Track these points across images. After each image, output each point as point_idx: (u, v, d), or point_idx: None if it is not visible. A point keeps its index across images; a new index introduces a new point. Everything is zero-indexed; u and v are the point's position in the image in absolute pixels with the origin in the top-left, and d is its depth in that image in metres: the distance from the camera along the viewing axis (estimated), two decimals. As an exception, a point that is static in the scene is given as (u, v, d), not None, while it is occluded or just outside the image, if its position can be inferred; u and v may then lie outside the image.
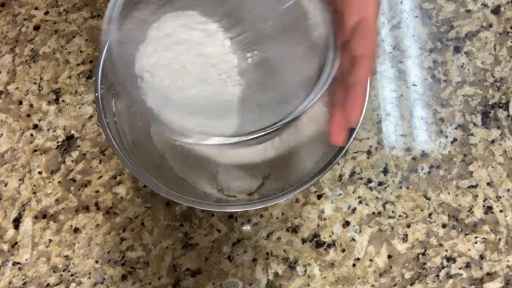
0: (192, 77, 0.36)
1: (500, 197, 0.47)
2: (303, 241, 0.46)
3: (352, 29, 0.31)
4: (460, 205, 0.47)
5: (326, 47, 0.33)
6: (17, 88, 0.53)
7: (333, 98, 0.32)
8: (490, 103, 0.50)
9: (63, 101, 0.52)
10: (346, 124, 0.31)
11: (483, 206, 0.46)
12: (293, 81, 0.36)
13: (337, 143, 0.32)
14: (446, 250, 0.45)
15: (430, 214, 0.46)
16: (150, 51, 0.35)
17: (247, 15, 0.36)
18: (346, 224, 0.46)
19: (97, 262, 0.46)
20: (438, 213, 0.46)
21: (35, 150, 0.50)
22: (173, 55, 0.36)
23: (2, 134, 0.51)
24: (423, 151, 0.48)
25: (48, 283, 0.46)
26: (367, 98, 0.40)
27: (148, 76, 0.35)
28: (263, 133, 0.31)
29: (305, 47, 0.35)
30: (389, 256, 0.45)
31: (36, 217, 0.48)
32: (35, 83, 0.53)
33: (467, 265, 0.45)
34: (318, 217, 0.47)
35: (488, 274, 0.44)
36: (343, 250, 0.46)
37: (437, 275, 0.44)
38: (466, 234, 0.46)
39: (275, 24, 0.36)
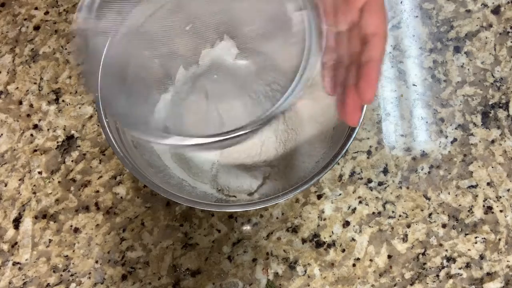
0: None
1: (500, 197, 0.47)
2: (303, 241, 0.46)
3: (361, 9, 0.31)
4: (460, 205, 0.47)
5: (305, 40, 0.33)
6: (17, 88, 0.53)
7: (346, 80, 0.33)
8: (490, 103, 0.50)
9: (63, 101, 0.52)
10: (360, 103, 0.32)
11: (483, 206, 0.46)
12: (278, 74, 0.37)
13: (352, 123, 0.32)
14: (446, 250, 0.45)
15: (430, 214, 0.46)
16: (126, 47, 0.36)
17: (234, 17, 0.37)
18: (346, 224, 0.46)
19: (97, 262, 0.46)
20: (438, 213, 0.46)
21: (35, 150, 0.50)
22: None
23: (2, 134, 0.51)
24: (423, 151, 0.48)
25: (48, 283, 0.46)
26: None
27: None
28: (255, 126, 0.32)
29: (287, 43, 0.35)
30: (389, 256, 0.45)
31: (36, 217, 0.48)
32: (35, 83, 0.53)
33: (467, 265, 0.45)
34: (318, 217, 0.47)
35: (488, 274, 0.44)
36: (343, 250, 0.46)
37: (437, 275, 0.44)
38: (466, 234, 0.46)
39: (261, 26, 0.37)
